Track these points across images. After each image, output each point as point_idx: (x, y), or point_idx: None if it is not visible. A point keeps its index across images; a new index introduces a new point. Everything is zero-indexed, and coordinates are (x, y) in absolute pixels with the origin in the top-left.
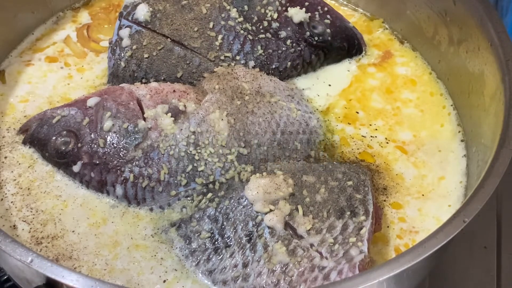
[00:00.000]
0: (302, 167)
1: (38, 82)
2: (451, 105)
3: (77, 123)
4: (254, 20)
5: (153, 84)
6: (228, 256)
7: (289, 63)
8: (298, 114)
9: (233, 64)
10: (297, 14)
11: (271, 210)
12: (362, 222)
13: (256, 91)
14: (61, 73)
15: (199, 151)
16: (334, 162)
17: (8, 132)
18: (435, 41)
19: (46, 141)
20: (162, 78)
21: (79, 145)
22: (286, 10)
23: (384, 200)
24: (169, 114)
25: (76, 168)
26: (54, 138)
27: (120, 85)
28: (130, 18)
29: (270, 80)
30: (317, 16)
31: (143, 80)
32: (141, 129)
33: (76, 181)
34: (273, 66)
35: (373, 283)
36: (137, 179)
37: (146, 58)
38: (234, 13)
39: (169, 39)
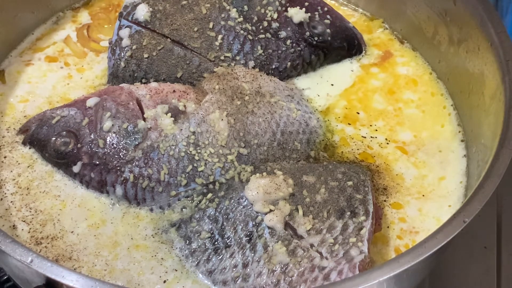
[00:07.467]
0: (302, 167)
1: (38, 82)
2: (451, 105)
3: (77, 124)
4: (254, 20)
5: (153, 84)
6: (228, 256)
7: (289, 63)
8: (298, 114)
9: (233, 64)
10: (297, 14)
11: (271, 210)
12: (362, 222)
13: (256, 91)
14: (61, 73)
15: (199, 151)
16: (334, 162)
17: (8, 132)
18: (435, 41)
19: (45, 141)
20: (162, 78)
21: (79, 145)
22: (286, 10)
23: (384, 200)
24: (169, 114)
25: (76, 168)
26: (53, 138)
27: (120, 85)
28: (130, 18)
29: (270, 80)
30: (317, 16)
31: (143, 80)
32: (141, 129)
33: (75, 181)
34: (273, 66)
35: (373, 283)
36: (137, 179)
37: (146, 58)
38: (234, 13)
39: (169, 39)
